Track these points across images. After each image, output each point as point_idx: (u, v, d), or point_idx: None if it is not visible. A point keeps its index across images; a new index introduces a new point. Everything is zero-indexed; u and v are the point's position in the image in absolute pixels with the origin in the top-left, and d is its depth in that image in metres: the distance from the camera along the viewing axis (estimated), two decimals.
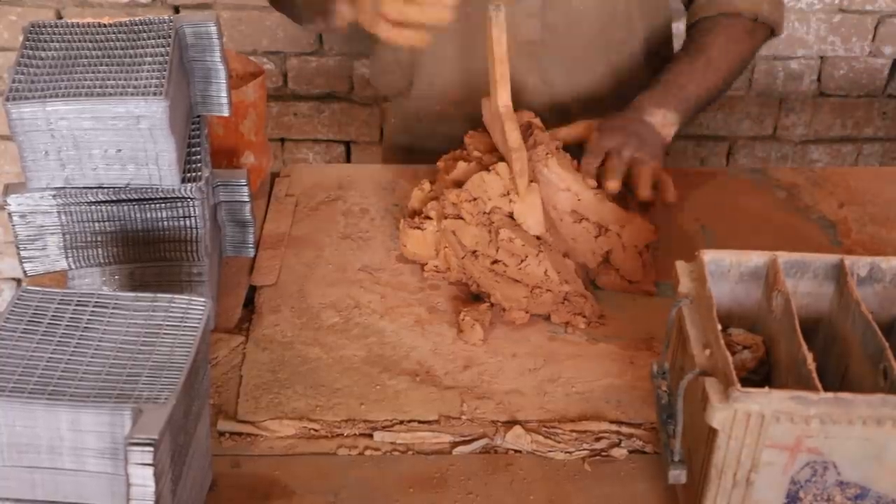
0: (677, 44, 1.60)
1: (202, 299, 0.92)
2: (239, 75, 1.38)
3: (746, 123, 2.41)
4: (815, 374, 0.87)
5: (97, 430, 0.81)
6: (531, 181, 1.22)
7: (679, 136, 1.44)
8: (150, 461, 0.78)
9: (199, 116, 1.15)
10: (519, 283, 1.20)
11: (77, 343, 0.87)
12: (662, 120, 1.40)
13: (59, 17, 2.27)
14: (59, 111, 1.01)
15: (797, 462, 0.87)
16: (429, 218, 1.27)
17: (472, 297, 1.25)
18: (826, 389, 0.85)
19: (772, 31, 1.55)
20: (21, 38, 1.06)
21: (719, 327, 0.91)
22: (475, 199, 1.23)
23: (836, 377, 0.97)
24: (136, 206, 1.09)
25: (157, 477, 0.79)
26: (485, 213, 1.22)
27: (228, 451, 1.05)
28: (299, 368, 1.14)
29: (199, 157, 1.11)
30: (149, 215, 1.09)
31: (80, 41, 1.07)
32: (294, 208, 1.41)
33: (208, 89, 1.13)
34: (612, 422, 1.08)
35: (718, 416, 0.86)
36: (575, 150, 1.33)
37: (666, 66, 1.49)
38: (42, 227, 1.08)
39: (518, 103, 1.30)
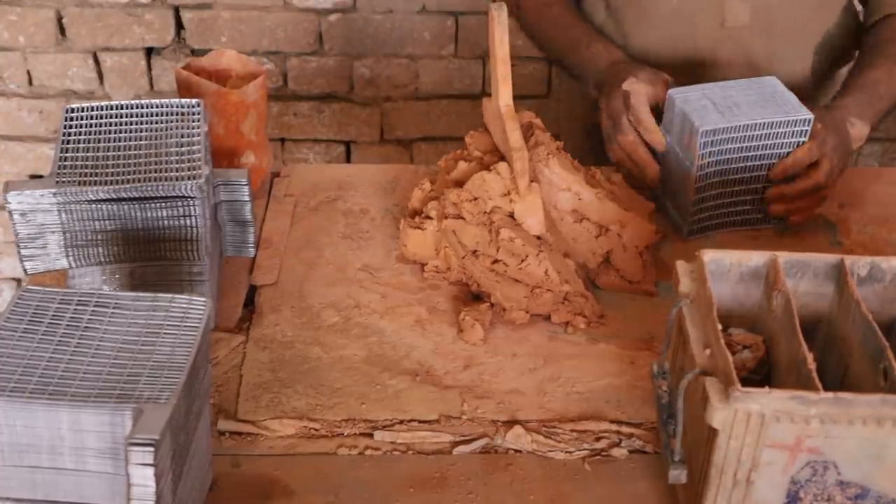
0: None
1: (202, 299, 0.92)
2: (239, 75, 1.38)
3: None
4: (815, 374, 0.87)
5: (98, 430, 0.81)
6: (532, 181, 1.22)
7: None
8: (151, 461, 0.78)
9: (198, 115, 1.15)
10: (519, 283, 1.20)
11: (78, 343, 0.87)
12: (858, 133, 1.41)
13: (60, 17, 2.27)
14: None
15: (797, 462, 0.87)
16: (429, 218, 1.27)
17: (473, 296, 1.25)
18: (826, 389, 0.85)
19: None
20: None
21: (719, 327, 0.91)
22: (476, 199, 1.23)
23: (836, 377, 0.97)
24: (136, 205, 1.09)
25: (158, 477, 0.79)
26: (485, 212, 1.22)
27: (229, 450, 1.05)
28: (299, 368, 1.14)
29: (199, 156, 1.12)
30: (149, 214, 1.09)
31: None
32: (294, 208, 1.41)
33: None
34: (612, 422, 1.08)
35: (718, 415, 0.86)
36: (575, 152, 1.33)
37: (861, 67, 1.49)
38: (42, 225, 1.08)
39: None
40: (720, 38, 1.52)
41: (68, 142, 1.12)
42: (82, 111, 1.15)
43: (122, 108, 1.16)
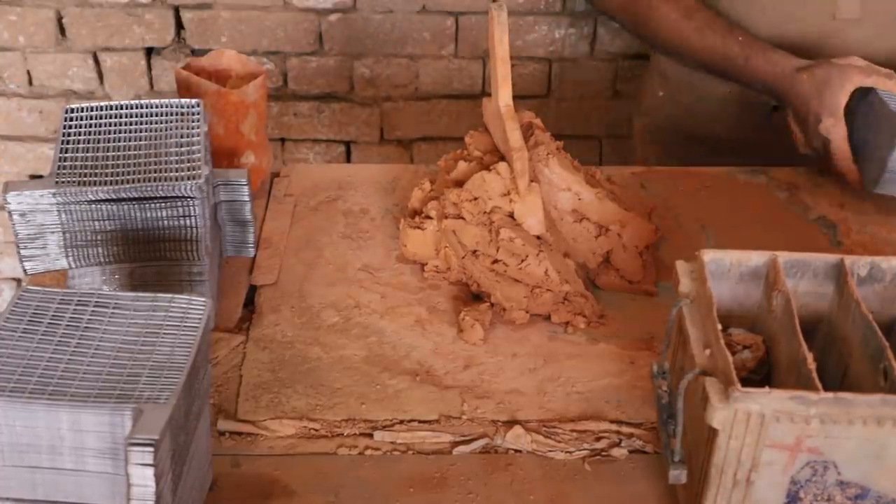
0: None
1: (202, 299, 0.92)
2: (239, 75, 1.38)
3: None
4: (815, 374, 0.87)
5: (97, 431, 0.81)
6: (532, 181, 1.22)
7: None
8: (151, 461, 0.78)
9: (198, 115, 1.15)
10: (519, 283, 1.20)
11: (77, 343, 0.87)
12: None
13: (60, 17, 2.27)
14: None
15: (797, 462, 0.87)
16: (429, 217, 1.27)
17: (473, 296, 1.25)
18: (826, 389, 0.85)
19: None
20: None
21: (719, 327, 0.91)
22: (476, 199, 1.23)
23: (836, 377, 0.97)
24: (136, 205, 1.09)
25: (158, 477, 0.79)
26: (485, 212, 1.22)
27: (228, 450, 1.05)
28: (299, 368, 1.14)
29: (199, 156, 1.11)
30: (149, 214, 1.09)
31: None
32: (294, 208, 1.41)
33: None
34: (612, 422, 1.08)
35: (718, 415, 0.86)
36: (575, 151, 1.33)
37: None
38: (42, 225, 1.08)
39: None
40: (830, 31, 1.51)
41: (68, 142, 1.12)
42: (82, 111, 1.15)
43: (121, 108, 1.16)
